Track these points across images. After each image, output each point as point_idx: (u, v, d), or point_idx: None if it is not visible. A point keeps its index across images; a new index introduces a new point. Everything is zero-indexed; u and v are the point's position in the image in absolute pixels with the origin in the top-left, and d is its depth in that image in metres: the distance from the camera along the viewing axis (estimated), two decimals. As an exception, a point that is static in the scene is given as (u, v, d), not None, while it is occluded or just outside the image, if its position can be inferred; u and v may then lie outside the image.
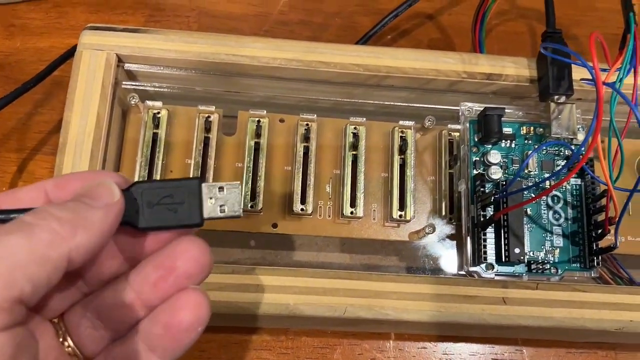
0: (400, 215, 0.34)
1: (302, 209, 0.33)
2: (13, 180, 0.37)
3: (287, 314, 0.29)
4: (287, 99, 0.35)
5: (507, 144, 0.33)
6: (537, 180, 0.33)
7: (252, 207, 0.33)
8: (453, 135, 0.35)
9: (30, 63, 0.39)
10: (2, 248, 0.17)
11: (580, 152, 0.30)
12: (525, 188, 0.31)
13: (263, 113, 0.34)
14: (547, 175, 0.33)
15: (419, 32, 0.43)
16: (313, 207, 0.33)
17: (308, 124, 0.34)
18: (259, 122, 0.34)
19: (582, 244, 0.32)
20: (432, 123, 0.34)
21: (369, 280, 0.30)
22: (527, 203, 0.31)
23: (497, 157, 0.32)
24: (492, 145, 0.33)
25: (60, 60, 0.36)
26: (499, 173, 0.32)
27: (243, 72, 0.34)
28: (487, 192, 0.32)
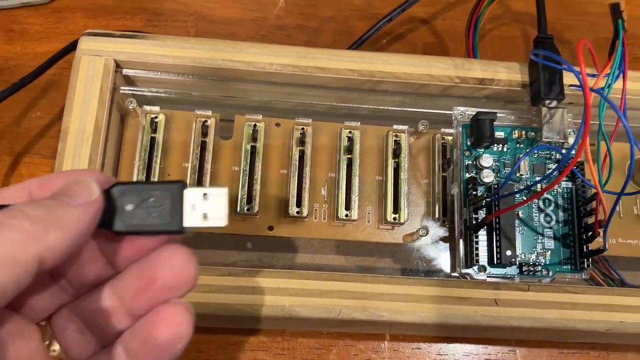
0: (395, 218, 0.34)
1: (297, 212, 0.34)
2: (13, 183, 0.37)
3: (283, 316, 0.30)
4: (282, 104, 0.36)
5: (499, 148, 0.34)
6: (528, 184, 0.33)
7: (248, 210, 0.33)
8: (446, 139, 0.36)
9: (30, 67, 0.39)
10: None
11: (570, 156, 0.30)
12: (517, 191, 0.31)
13: (259, 117, 0.35)
14: (538, 179, 0.33)
15: (414, 36, 0.44)
16: (308, 210, 0.34)
17: (303, 128, 0.35)
18: (255, 126, 0.34)
19: (573, 246, 0.32)
20: (425, 127, 0.35)
21: (364, 282, 0.30)
22: (518, 206, 0.32)
23: (489, 160, 0.33)
24: (484, 149, 0.34)
25: (59, 56, 0.36)
26: (491, 176, 0.33)
27: (239, 77, 0.34)
28: (479, 195, 0.32)
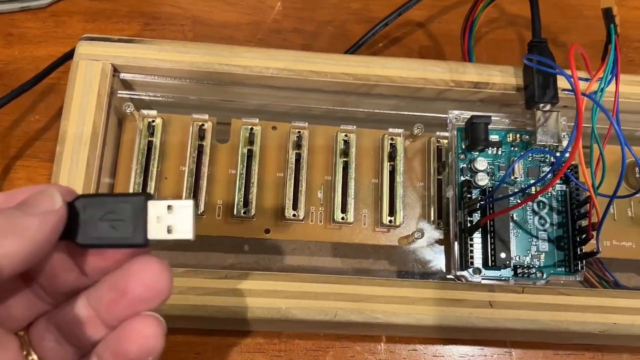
0: (390, 221, 0.34)
1: (294, 215, 0.34)
2: (12, 187, 0.38)
3: (279, 318, 0.30)
4: (279, 107, 0.36)
5: (493, 151, 0.34)
6: (522, 187, 0.33)
7: (245, 213, 0.33)
8: (441, 142, 0.36)
9: (28, 71, 0.39)
10: None
11: (563, 159, 0.30)
12: (511, 194, 0.32)
13: (256, 121, 0.35)
14: (532, 182, 0.33)
15: (410, 40, 0.44)
16: (305, 212, 0.34)
17: (300, 132, 0.35)
18: (252, 129, 0.35)
19: (567, 249, 0.33)
20: (420, 130, 0.35)
21: (359, 285, 0.31)
22: (512, 209, 0.32)
23: (483, 164, 0.33)
24: (479, 152, 0.34)
25: (58, 64, 0.36)
26: (486, 179, 0.33)
27: (236, 81, 0.34)
28: (473, 198, 0.32)
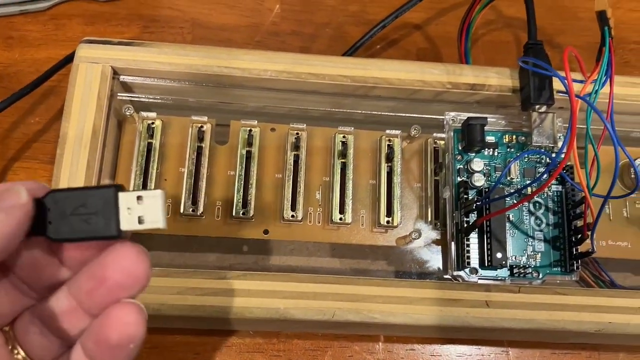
0: (388, 221, 0.34)
1: (292, 216, 0.34)
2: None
3: (278, 318, 0.30)
4: (277, 109, 0.36)
5: (490, 152, 0.34)
6: (518, 187, 0.34)
7: (244, 214, 0.34)
8: (438, 144, 0.36)
9: (29, 74, 0.39)
10: None
11: (558, 160, 0.31)
12: (507, 195, 0.32)
13: (254, 123, 0.35)
14: (528, 182, 0.34)
15: (407, 42, 0.44)
16: (303, 213, 0.34)
17: (298, 133, 0.35)
18: (251, 131, 0.35)
19: (562, 249, 0.33)
20: (418, 132, 0.35)
21: (357, 285, 0.31)
22: (508, 209, 0.32)
23: (480, 164, 0.33)
24: (475, 154, 0.34)
25: (58, 67, 0.37)
26: (482, 180, 0.33)
27: (235, 83, 0.35)
28: (470, 198, 0.33)
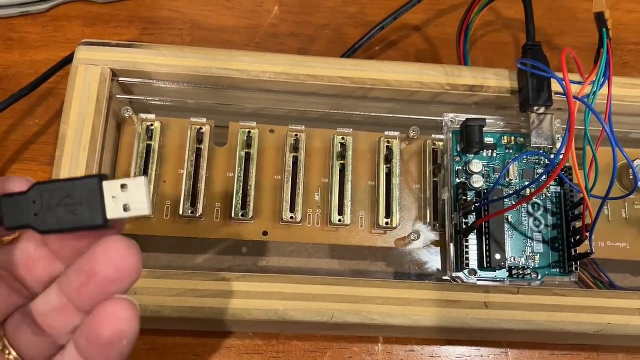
0: (387, 223, 0.34)
1: (291, 217, 0.34)
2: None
3: (277, 319, 0.30)
4: (276, 111, 0.36)
5: (488, 154, 0.34)
6: (517, 188, 0.34)
7: (243, 215, 0.34)
8: (437, 145, 0.36)
9: (28, 75, 0.39)
10: None
11: (556, 161, 0.31)
12: (506, 196, 0.32)
13: (253, 124, 0.35)
14: (526, 183, 0.34)
15: (406, 43, 0.44)
16: (302, 215, 0.34)
17: (297, 135, 0.35)
18: (249, 132, 0.35)
19: (561, 250, 0.33)
20: (416, 133, 0.35)
21: (356, 286, 0.31)
22: (507, 210, 0.32)
23: (478, 166, 0.33)
24: (473, 155, 0.34)
25: (57, 68, 0.37)
26: (481, 181, 0.33)
27: (233, 84, 0.35)
28: (468, 200, 0.33)
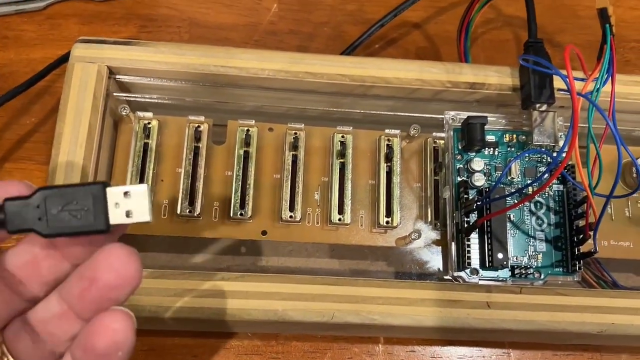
0: (387, 222, 0.34)
1: (290, 216, 0.34)
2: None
3: (276, 320, 0.30)
4: (275, 109, 0.36)
5: (490, 152, 0.34)
6: (519, 187, 0.33)
7: (241, 214, 0.33)
8: (438, 143, 0.36)
9: (24, 74, 0.39)
10: None
11: (559, 159, 0.30)
12: (508, 194, 0.32)
13: (252, 122, 0.35)
14: (529, 182, 0.33)
15: (406, 41, 0.44)
16: (302, 214, 0.34)
17: (296, 133, 0.35)
18: (248, 131, 0.35)
19: (564, 249, 0.33)
20: (417, 131, 0.35)
21: (356, 286, 0.30)
22: (509, 209, 0.32)
23: (480, 164, 0.33)
24: (475, 153, 0.34)
25: (53, 66, 0.37)
26: (482, 180, 0.33)
27: (232, 82, 0.34)
28: (470, 198, 0.32)
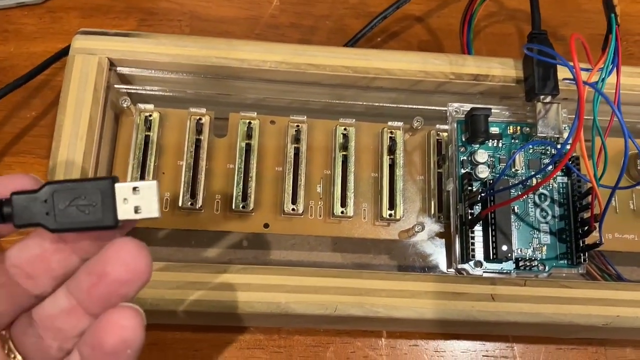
0: (390, 215, 0.34)
1: (293, 209, 0.34)
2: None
3: (279, 312, 0.30)
4: (277, 101, 0.36)
5: (494, 144, 0.34)
6: (523, 179, 0.33)
7: (243, 207, 0.33)
8: (441, 135, 0.36)
9: (24, 67, 0.39)
10: None
11: (564, 149, 0.30)
12: (511, 186, 0.31)
13: (254, 115, 0.35)
14: (532, 173, 0.33)
15: (409, 34, 0.44)
16: (304, 207, 0.34)
17: (298, 126, 0.35)
18: (250, 123, 0.34)
19: (569, 241, 0.32)
20: (420, 123, 0.35)
21: (360, 279, 0.30)
22: (513, 200, 0.32)
23: (484, 156, 0.33)
24: (479, 145, 0.33)
25: (54, 59, 0.36)
26: (486, 172, 0.32)
27: (233, 74, 0.34)
28: (474, 190, 0.32)
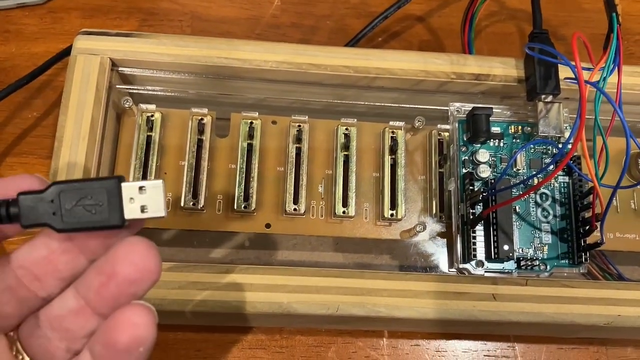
0: (392, 214, 0.34)
1: (294, 209, 0.34)
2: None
3: (281, 312, 0.30)
4: (279, 101, 0.36)
5: (495, 143, 0.34)
6: (524, 178, 0.33)
7: (245, 207, 0.33)
8: (443, 135, 0.36)
9: (26, 68, 0.39)
10: None
11: (565, 149, 0.30)
12: (513, 185, 0.31)
13: (255, 115, 0.35)
14: (534, 173, 0.33)
15: (410, 34, 0.44)
16: (306, 207, 0.34)
17: (300, 126, 0.35)
18: (252, 124, 0.34)
19: (570, 241, 0.32)
20: (422, 123, 0.35)
21: (361, 278, 0.30)
22: (514, 200, 0.32)
23: (485, 155, 0.33)
24: (480, 145, 0.33)
25: (56, 59, 0.36)
26: (488, 171, 0.33)
27: (235, 74, 0.34)
28: (475, 190, 0.32)
